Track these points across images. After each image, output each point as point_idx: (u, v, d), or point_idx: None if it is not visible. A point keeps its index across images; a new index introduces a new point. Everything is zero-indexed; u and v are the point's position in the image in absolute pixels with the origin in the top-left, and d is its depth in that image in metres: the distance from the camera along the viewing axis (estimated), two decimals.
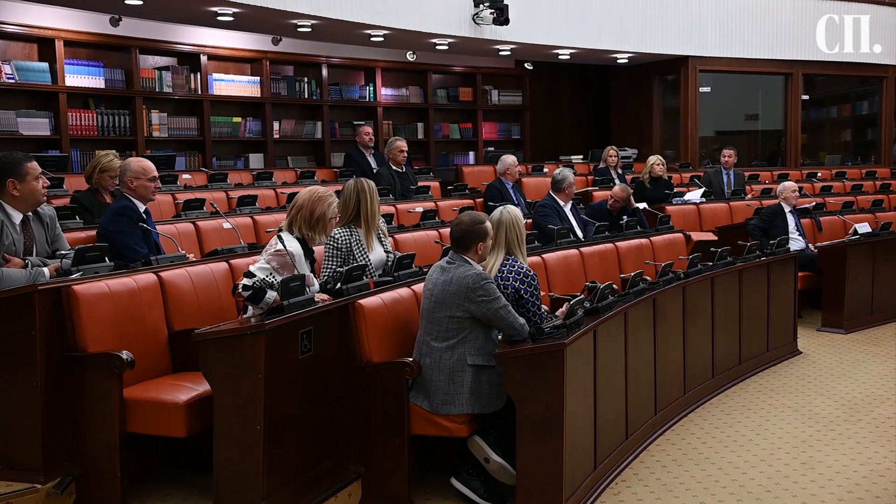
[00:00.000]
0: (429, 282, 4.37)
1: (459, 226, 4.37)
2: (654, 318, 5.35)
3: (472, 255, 4.35)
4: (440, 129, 12.34)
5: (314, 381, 4.18)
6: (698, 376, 6.00)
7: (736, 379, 6.50)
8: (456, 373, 4.21)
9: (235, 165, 10.37)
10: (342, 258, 5.10)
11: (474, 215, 4.43)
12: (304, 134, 11.00)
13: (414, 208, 7.91)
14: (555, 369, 3.97)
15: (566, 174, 7.70)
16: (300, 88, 10.90)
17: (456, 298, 4.19)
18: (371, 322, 4.33)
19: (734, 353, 6.56)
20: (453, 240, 4.39)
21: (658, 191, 9.79)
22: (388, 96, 11.73)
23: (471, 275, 4.20)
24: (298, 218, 4.62)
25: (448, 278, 4.25)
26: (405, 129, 11.92)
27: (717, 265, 6.43)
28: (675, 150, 13.25)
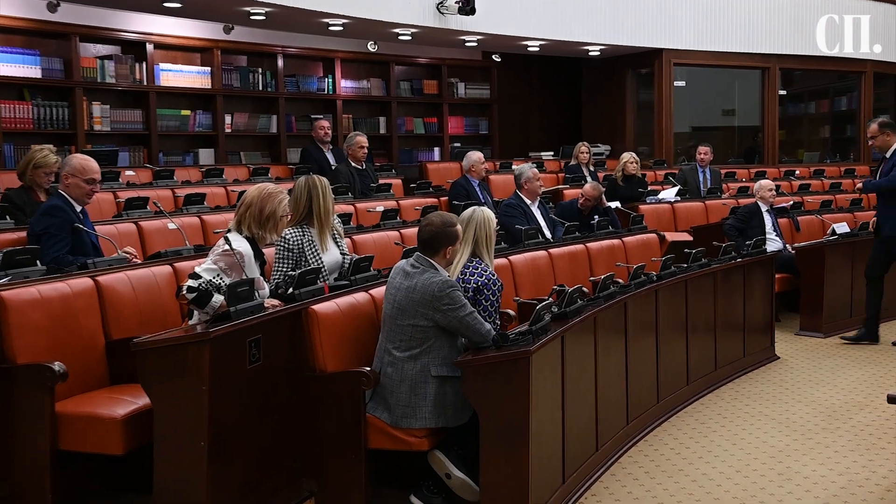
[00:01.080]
0: (391, 286, 4.32)
1: (429, 227, 4.32)
2: (626, 323, 5.33)
3: (439, 260, 4.31)
4: (403, 124, 12.29)
5: (263, 393, 4.11)
6: (672, 384, 6.00)
7: (711, 386, 6.51)
8: (419, 384, 4.16)
9: (183, 161, 10.24)
10: (294, 260, 5.02)
11: (445, 216, 4.39)
12: (257, 128, 10.90)
13: (374, 207, 7.85)
14: (520, 378, 3.93)
15: (523, 169, 7.69)
16: (254, 80, 10.79)
17: (420, 307, 4.15)
18: (325, 329, 4.27)
19: (709, 359, 6.58)
20: (421, 241, 4.34)
21: (631, 189, 9.81)
22: (348, 89, 11.65)
23: (436, 282, 4.15)
24: (247, 216, 4.54)
25: (412, 284, 4.20)
26: (366, 123, 11.85)
27: (692, 267, 6.44)
28: (649, 146, 13.31)
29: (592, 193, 8.15)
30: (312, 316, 4.25)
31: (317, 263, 5.01)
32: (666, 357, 5.90)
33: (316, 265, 4.97)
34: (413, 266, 4.28)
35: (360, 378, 4.18)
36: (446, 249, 4.31)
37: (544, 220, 7.71)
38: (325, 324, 4.27)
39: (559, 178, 10.83)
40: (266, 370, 4.10)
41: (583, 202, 8.20)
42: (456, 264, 4.57)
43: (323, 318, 4.27)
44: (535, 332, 4.15)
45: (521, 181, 7.64)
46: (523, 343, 4.05)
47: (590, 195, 8.15)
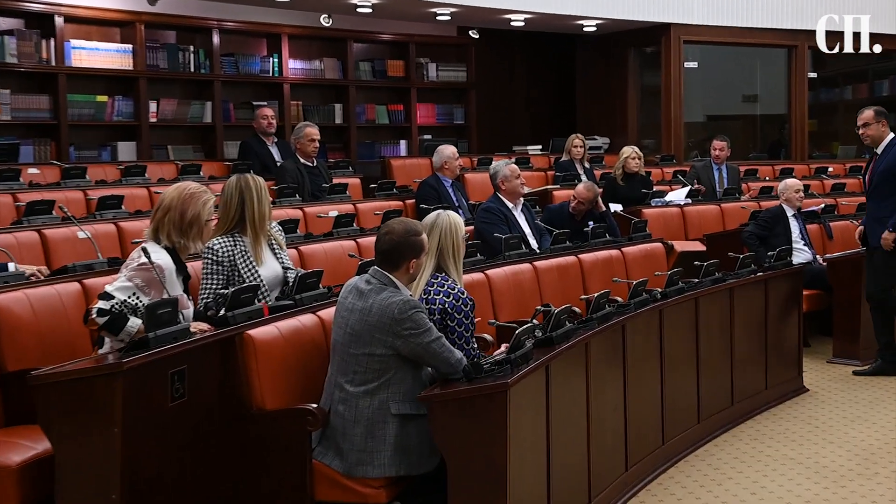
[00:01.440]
0: (342, 308, 4.31)
1: (389, 235, 4.32)
2: (624, 350, 5.35)
3: (399, 275, 4.31)
4: (363, 112, 12.29)
5: (189, 435, 4.10)
6: (680, 422, 6.02)
7: (727, 425, 6.54)
8: (376, 424, 4.15)
9: (100, 157, 10.20)
10: (225, 275, 5.02)
11: (409, 223, 4.39)
12: (188, 117, 10.88)
13: (326, 212, 7.85)
14: (496, 416, 3.94)
15: (499, 166, 7.72)
16: (184, 60, 10.77)
17: (377, 332, 4.15)
18: (264, 358, 4.26)
19: (725, 393, 6.61)
20: (379, 253, 4.34)
21: (633, 190, 9.87)
22: (298, 70, 11.65)
23: (396, 302, 4.15)
24: (166, 222, 4.52)
25: (367, 306, 4.19)
26: (319, 111, 11.84)
27: (703, 282, 6.48)
28: (655, 139, 13.39)
29: (586, 195, 8.20)
30: (248, 343, 4.24)
31: (252, 279, 5.00)
32: (672, 390, 5.92)
33: (252, 281, 4.96)
34: (368, 283, 4.28)
35: (305, 417, 4.17)
36: (409, 263, 4.32)
37: (529, 226, 7.74)
38: (264, 352, 4.26)
39: (548, 176, 10.87)
40: (192, 408, 4.08)
41: (575, 205, 8.24)
42: (418, 281, 4.57)
43: (261, 346, 4.26)
44: (515, 360, 4.15)
45: (497, 181, 7.67)
46: (500, 374, 4.05)
47: (583, 197, 8.19)
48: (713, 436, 6.34)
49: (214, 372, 4.25)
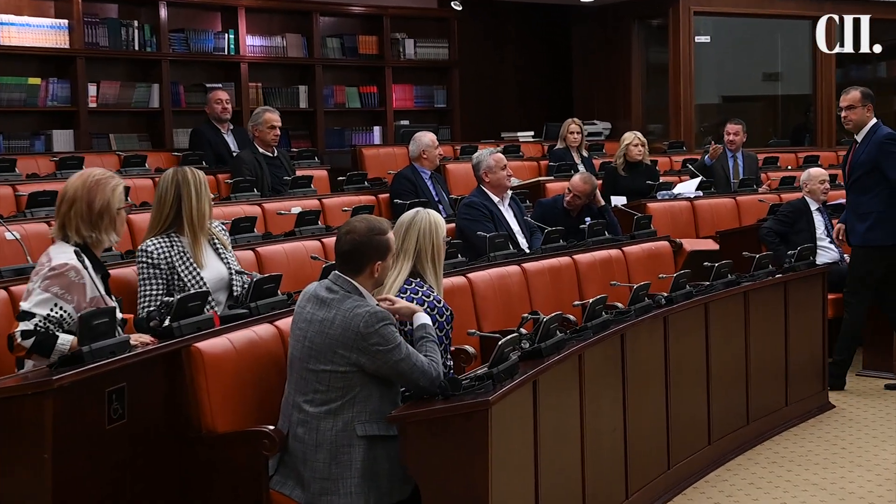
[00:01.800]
0: (300, 318, 4.33)
1: (350, 235, 4.34)
2: (624, 363, 5.39)
3: (363, 280, 4.33)
4: (331, 95, 12.31)
5: (130, 461, 4.10)
6: (688, 444, 6.05)
7: (741, 446, 6.57)
8: (341, 448, 4.17)
9: (32, 147, 10.19)
10: (164, 279, 5.05)
11: (372, 221, 4.41)
12: (133, 102, 10.88)
13: (288, 209, 7.87)
14: (475, 437, 3.96)
15: (481, 156, 7.75)
16: (127, 37, 10.77)
17: (339, 347, 4.17)
18: (214, 374, 4.28)
19: (739, 411, 6.65)
20: (340, 255, 4.36)
21: (637, 181, 9.90)
22: (256, 48, 11.66)
23: (362, 314, 4.17)
24: (73, 216, 4.54)
25: (329, 316, 4.22)
26: (281, 94, 11.86)
27: (714, 286, 6.52)
28: (662, 123, 13.42)
29: (583, 188, 8.22)
30: (196, 357, 4.26)
31: (194, 282, 5.04)
32: (679, 408, 5.96)
33: (193, 285, 5.01)
34: (330, 290, 4.30)
35: (261, 440, 4.18)
36: (374, 266, 4.33)
37: (518, 223, 7.77)
38: (215, 367, 4.28)
39: (541, 166, 10.91)
40: (133, 430, 4.10)
41: (570, 199, 8.27)
42: (390, 287, 4.60)
43: (211, 360, 4.27)
44: (497, 375, 4.18)
45: (479, 171, 7.70)
46: (480, 390, 4.08)
47: (579, 190, 8.23)
48: (726, 459, 6.38)
49: (158, 390, 4.25)
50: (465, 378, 4.21)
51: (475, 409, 3.97)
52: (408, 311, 4.46)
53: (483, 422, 3.95)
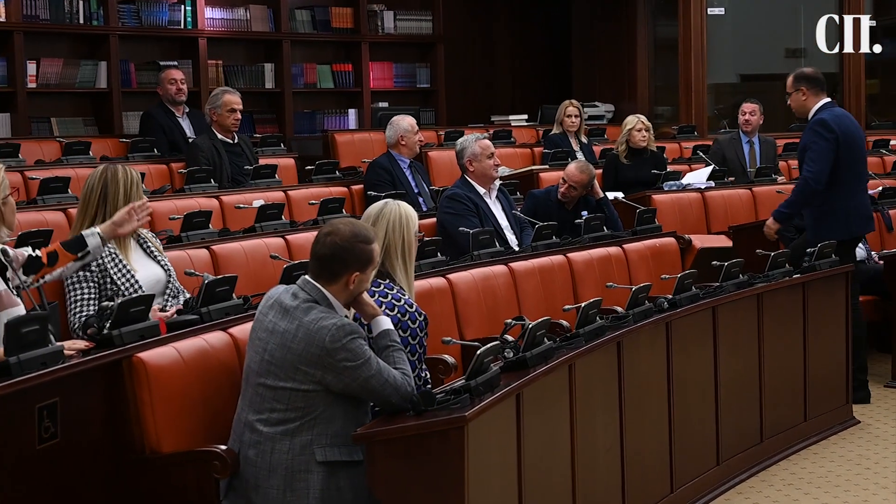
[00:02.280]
0: (260, 327, 4.32)
1: (332, 237, 4.31)
2: (621, 373, 5.39)
3: (336, 290, 4.31)
4: (301, 74, 12.32)
5: (64, 486, 4.09)
6: (694, 464, 6.06)
7: (754, 466, 6.58)
8: (297, 474, 4.17)
9: None
10: (95, 283, 5.07)
11: (359, 227, 4.39)
12: (77, 82, 10.88)
13: (249, 202, 7.85)
14: (450, 457, 3.96)
15: (466, 142, 7.76)
16: (71, 9, 10.76)
17: (302, 362, 4.17)
18: (160, 388, 4.28)
19: (752, 427, 6.65)
20: (316, 258, 4.34)
21: (641, 170, 9.90)
22: (216, 21, 11.67)
23: (327, 327, 4.16)
24: None
25: (291, 328, 4.21)
26: (244, 73, 11.88)
27: (724, 287, 6.52)
28: (671, 105, 13.42)
29: (579, 178, 8.21)
30: (139, 368, 4.25)
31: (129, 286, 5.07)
32: (684, 424, 5.96)
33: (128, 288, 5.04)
34: (295, 297, 4.29)
35: (211, 461, 4.18)
36: (351, 276, 4.30)
37: (507, 218, 7.78)
38: (160, 380, 4.28)
39: (535, 154, 10.91)
40: (67, 451, 4.08)
41: (564, 190, 8.25)
42: None
43: (156, 372, 4.27)
44: (475, 388, 4.18)
45: (463, 160, 7.71)
46: (455, 405, 4.08)
47: (575, 180, 8.21)
48: (736, 480, 6.37)
49: (96, 405, 4.24)
50: (439, 391, 4.22)
51: (450, 426, 3.97)
52: (370, 312, 4.45)
53: (459, 440, 3.95)
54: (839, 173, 7.75)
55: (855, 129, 7.98)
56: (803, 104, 7.97)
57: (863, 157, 8.04)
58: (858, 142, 7.95)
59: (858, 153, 7.94)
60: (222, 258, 6.46)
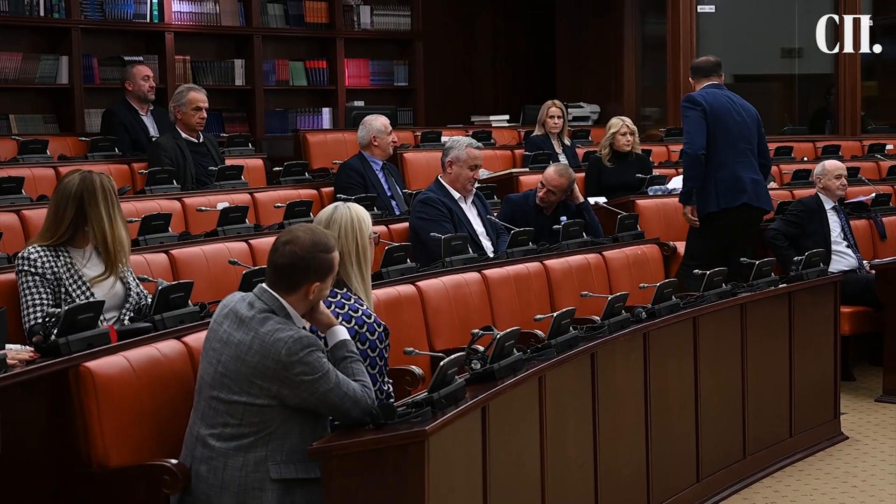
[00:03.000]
0: (214, 337, 4.32)
1: (290, 246, 4.30)
2: (594, 386, 5.40)
3: (295, 301, 4.30)
4: (273, 71, 12.30)
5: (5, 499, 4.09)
6: (672, 481, 6.07)
7: (735, 483, 6.59)
8: (251, 492, 4.17)
9: None
10: (51, 289, 5.06)
11: (319, 235, 4.36)
12: (37, 77, 10.83)
13: (214, 204, 7.82)
14: (410, 474, 3.95)
15: (457, 143, 7.77)
16: (31, 0, 10.70)
17: (257, 376, 4.16)
18: (108, 399, 4.27)
19: (734, 443, 6.67)
20: (273, 267, 4.33)
21: (625, 174, 9.87)
22: (184, 15, 11.64)
23: (284, 339, 4.16)
24: None
25: (246, 339, 4.20)
26: (213, 69, 11.85)
27: (705, 297, 6.54)
28: (660, 106, 13.43)
29: (558, 182, 8.18)
30: (87, 378, 4.24)
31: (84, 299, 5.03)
32: (663, 439, 5.97)
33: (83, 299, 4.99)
34: (252, 306, 4.28)
35: (161, 476, 4.17)
36: (311, 287, 4.30)
37: (483, 224, 7.77)
38: (108, 391, 4.27)
39: (516, 156, 10.91)
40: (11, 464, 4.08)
41: (543, 194, 8.21)
42: None
43: (104, 382, 4.26)
44: (438, 401, 4.18)
45: (446, 158, 7.73)
46: (416, 419, 4.08)
47: (554, 184, 8.18)
48: (717, 498, 6.39)
49: (40, 417, 4.24)
50: (401, 404, 4.21)
51: (409, 440, 3.96)
52: (326, 322, 4.44)
53: (419, 455, 3.94)
54: (713, 146, 8.04)
55: (729, 103, 8.20)
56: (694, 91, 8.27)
57: (740, 132, 8.15)
58: (733, 115, 8.15)
59: (733, 127, 8.13)
60: (181, 263, 6.44)
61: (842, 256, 8.88)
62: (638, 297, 6.69)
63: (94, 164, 8.68)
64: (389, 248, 6.48)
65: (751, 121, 8.20)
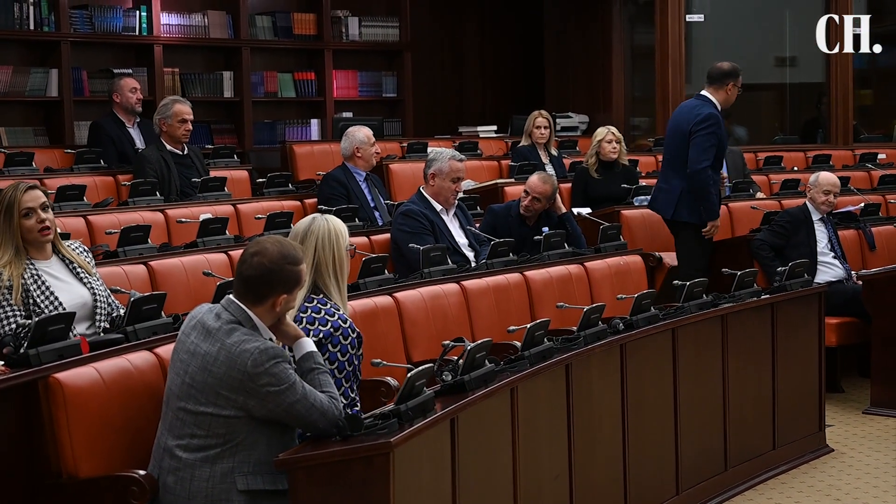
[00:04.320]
0: (182, 348, 4.34)
1: (258, 258, 4.33)
2: (569, 398, 5.41)
3: (261, 312, 4.34)
4: (261, 83, 12.36)
5: None
6: (650, 493, 6.08)
7: (717, 495, 6.60)
8: (218, 503, 4.20)
9: None
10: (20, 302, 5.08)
11: (287, 247, 4.39)
12: (27, 90, 10.89)
13: (197, 216, 7.85)
14: (375, 486, 3.98)
15: (440, 155, 7.79)
16: (21, 14, 10.76)
17: (224, 387, 4.19)
18: (77, 410, 4.30)
19: (715, 455, 6.68)
20: (241, 279, 4.36)
21: (611, 185, 9.88)
22: (173, 27, 11.70)
23: (250, 350, 4.18)
24: None
25: (213, 350, 4.23)
26: (202, 81, 11.92)
27: (686, 308, 6.56)
28: (650, 116, 13.46)
29: (542, 189, 8.13)
30: (56, 389, 4.27)
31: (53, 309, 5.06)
32: (641, 452, 5.98)
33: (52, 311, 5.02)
34: (219, 317, 4.31)
35: (129, 487, 4.20)
36: (278, 299, 4.33)
37: (466, 235, 7.80)
38: (78, 402, 4.30)
39: (503, 167, 10.93)
40: None
41: (527, 203, 8.17)
42: None
43: (73, 394, 4.29)
44: (405, 413, 4.20)
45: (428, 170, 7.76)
46: (382, 431, 4.10)
47: (538, 191, 8.13)
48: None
49: (9, 427, 4.26)
50: (368, 416, 4.23)
51: (374, 451, 3.98)
52: (293, 334, 4.47)
53: (384, 467, 3.97)
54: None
55: (675, 115, 8.71)
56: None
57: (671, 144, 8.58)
58: (671, 128, 8.62)
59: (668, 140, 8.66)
60: (160, 274, 6.48)
61: (828, 267, 8.89)
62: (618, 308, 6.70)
63: (80, 175, 8.75)
64: (367, 259, 6.49)
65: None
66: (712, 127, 8.30)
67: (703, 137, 8.29)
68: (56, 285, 5.22)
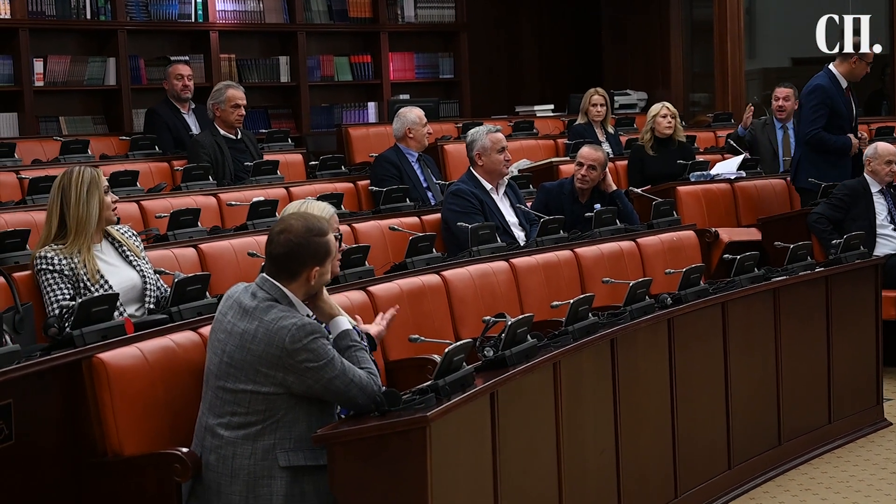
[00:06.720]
0: (219, 328, 4.39)
1: (285, 235, 4.38)
2: (615, 374, 5.41)
3: (296, 288, 4.38)
4: (317, 67, 12.39)
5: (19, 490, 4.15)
6: (701, 468, 6.06)
7: (770, 469, 6.57)
8: (260, 479, 4.24)
9: None
10: (71, 284, 5.18)
11: (311, 220, 4.45)
12: (86, 79, 10.99)
13: (249, 199, 7.89)
14: (413, 460, 4.02)
15: (477, 134, 7.78)
16: (78, 4, 10.85)
17: (263, 364, 4.23)
18: (121, 390, 4.34)
19: (769, 430, 6.65)
20: (271, 257, 4.41)
21: (668, 162, 9.81)
22: (229, 14, 11.76)
23: (287, 327, 4.23)
24: None
25: (250, 329, 4.27)
26: (259, 67, 11.97)
27: (736, 282, 6.53)
28: (709, 92, 13.36)
29: (595, 156, 7.98)
30: (100, 369, 4.32)
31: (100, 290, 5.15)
32: (690, 427, 5.97)
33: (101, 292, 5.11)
34: (255, 296, 4.35)
35: (172, 464, 4.24)
36: (311, 272, 4.37)
37: (516, 214, 7.80)
38: (122, 382, 4.35)
39: (559, 145, 10.91)
40: (23, 454, 4.16)
41: (584, 173, 8.00)
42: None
43: (117, 374, 4.34)
44: (442, 388, 4.23)
45: (472, 152, 7.74)
46: (419, 406, 4.13)
47: (591, 158, 7.95)
48: (749, 486, 6.37)
49: (54, 407, 4.30)
50: (406, 392, 4.27)
51: (411, 426, 4.02)
52: (328, 312, 4.51)
53: (421, 441, 4.00)
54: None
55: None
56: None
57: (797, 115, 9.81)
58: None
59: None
60: (210, 257, 6.51)
61: (888, 240, 8.78)
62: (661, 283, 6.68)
63: (135, 162, 8.83)
64: (414, 238, 6.52)
65: None
66: (819, 97, 9.14)
67: (809, 109, 9.20)
68: (106, 269, 5.31)
